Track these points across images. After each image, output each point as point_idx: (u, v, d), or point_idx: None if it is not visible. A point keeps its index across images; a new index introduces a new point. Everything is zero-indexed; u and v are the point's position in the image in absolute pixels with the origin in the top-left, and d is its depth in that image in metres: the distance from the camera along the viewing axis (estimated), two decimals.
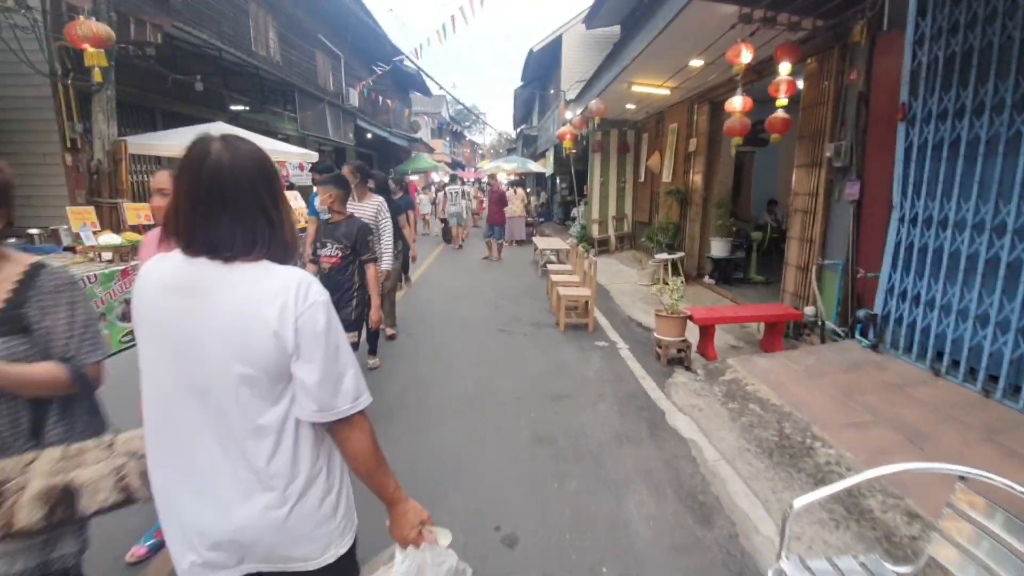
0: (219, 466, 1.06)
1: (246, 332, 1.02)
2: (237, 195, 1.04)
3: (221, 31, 10.96)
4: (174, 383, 1.06)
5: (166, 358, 1.06)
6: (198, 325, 1.03)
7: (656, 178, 9.74)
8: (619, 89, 7.74)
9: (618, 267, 9.77)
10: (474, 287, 8.12)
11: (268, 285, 1.04)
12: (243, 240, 1.05)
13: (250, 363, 1.02)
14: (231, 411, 1.04)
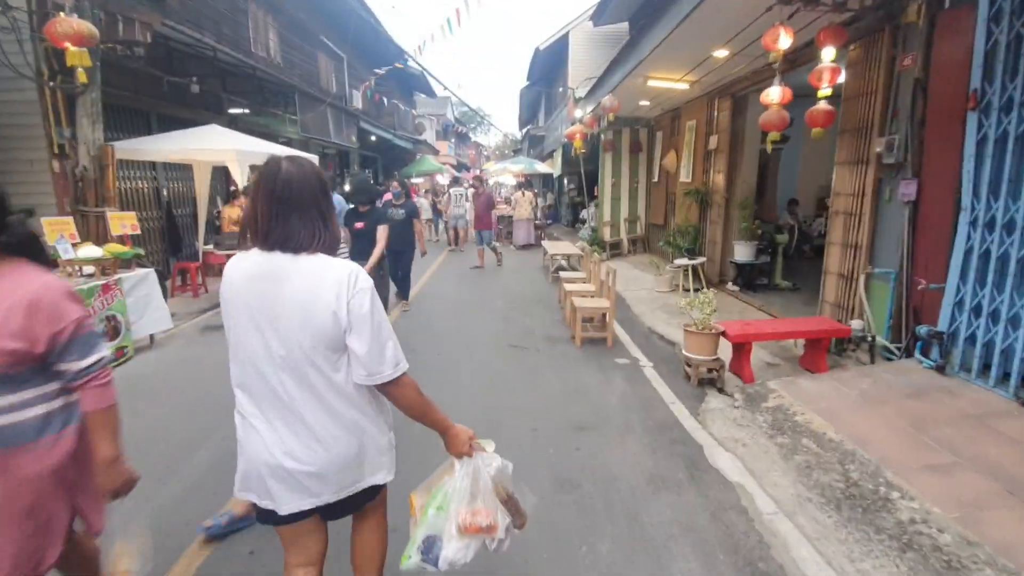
0: (304, 414, 1.37)
1: (311, 311, 1.32)
2: (301, 201, 1.36)
3: (220, 32, 10.60)
4: (263, 350, 1.36)
5: (253, 330, 1.36)
6: (276, 303, 1.34)
7: (672, 178, 9.26)
8: (634, 84, 7.27)
9: (633, 272, 9.29)
10: (482, 296, 7.67)
11: (327, 274, 1.35)
12: (306, 236, 1.36)
13: (315, 335, 1.33)
14: (310, 372, 1.36)
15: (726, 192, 7.22)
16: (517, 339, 5.53)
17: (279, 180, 1.35)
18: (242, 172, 6.53)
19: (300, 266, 1.35)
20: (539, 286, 8.43)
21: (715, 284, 7.52)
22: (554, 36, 19.34)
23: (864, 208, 4.41)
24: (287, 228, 1.34)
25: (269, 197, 1.35)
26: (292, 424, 1.38)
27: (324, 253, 1.39)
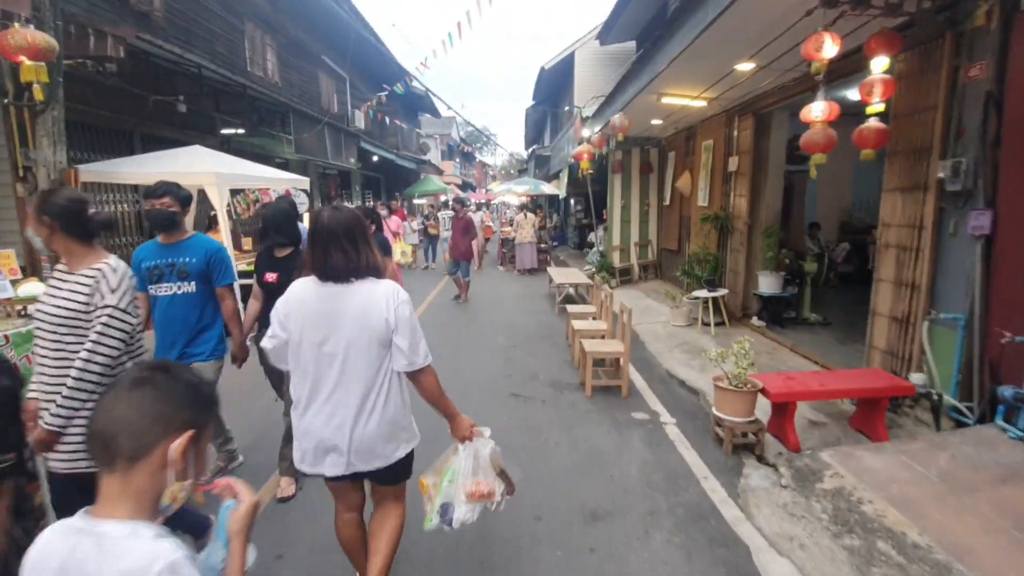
0: (346, 402, 1.81)
1: (369, 317, 1.79)
2: (340, 240, 1.79)
3: (213, 51, 10.24)
4: (322, 351, 1.80)
5: (315, 336, 1.80)
6: (337, 316, 1.79)
7: (686, 201, 8.67)
8: (647, 102, 6.73)
9: (645, 302, 8.65)
10: (481, 330, 7.05)
11: (377, 290, 1.82)
12: (350, 266, 1.80)
13: (372, 335, 1.79)
14: (360, 365, 1.80)
15: (748, 218, 6.62)
16: (519, 385, 4.89)
17: (321, 226, 1.79)
18: (221, 196, 6.01)
19: (355, 287, 1.80)
20: (544, 317, 7.80)
21: (737, 318, 6.86)
22: (560, 55, 19.06)
23: (922, 242, 3.78)
24: (331, 261, 1.78)
25: (315, 239, 1.79)
26: (340, 408, 1.81)
27: (372, 276, 1.83)
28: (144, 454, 0.93)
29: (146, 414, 0.94)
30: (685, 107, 6.84)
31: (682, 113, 7.28)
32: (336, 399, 1.81)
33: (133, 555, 0.88)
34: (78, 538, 0.90)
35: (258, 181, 6.82)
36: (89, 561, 0.88)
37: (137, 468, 0.93)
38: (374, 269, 1.85)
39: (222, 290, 2.88)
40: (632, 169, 10.34)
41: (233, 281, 2.94)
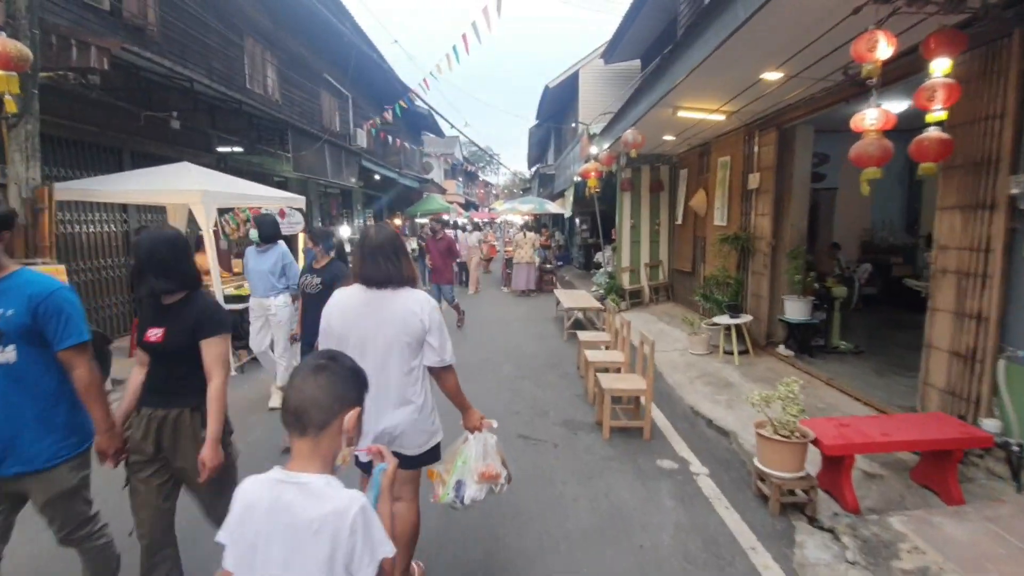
0: (385, 392, 2.03)
1: (407, 321, 2.06)
2: (382, 253, 2.07)
3: (210, 66, 9.99)
4: (364, 347, 2.01)
5: (361, 337, 2.04)
6: (379, 319, 2.05)
7: (701, 220, 8.25)
8: (660, 116, 6.35)
9: (658, 326, 8.16)
10: (486, 357, 6.56)
11: (412, 297, 2.10)
12: (392, 276, 2.07)
13: (410, 336, 2.06)
14: (395, 362, 2.06)
15: (772, 238, 6.17)
16: (528, 424, 4.39)
17: (369, 242, 2.11)
18: (208, 215, 5.60)
19: (396, 295, 2.09)
20: (553, 343, 7.31)
21: (762, 346, 6.36)
22: (564, 74, 18.93)
23: (990, 268, 3.31)
24: (377, 274, 2.07)
25: (362, 252, 2.10)
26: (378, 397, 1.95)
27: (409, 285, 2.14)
28: (328, 424, 1.18)
29: (329, 394, 1.19)
30: (702, 121, 6.45)
31: (698, 128, 6.90)
32: (378, 392, 1.89)
33: (334, 500, 1.11)
34: (282, 487, 1.13)
35: (250, 199, 6.42)
36: (296, 504, 1.11)
37: (323, 435, 1.17)
38: (411, 279, 2.14)
39: (67, 354, 1.88)
40: (642, 187, 9.95)
41: (83, 339, 1.91)
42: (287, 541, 1.09)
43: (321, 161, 11.87)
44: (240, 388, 5.40)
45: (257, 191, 6.75)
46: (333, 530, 1.08)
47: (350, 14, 13.90)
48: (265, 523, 1.11)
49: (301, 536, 1.08)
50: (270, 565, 1.10)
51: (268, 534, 1.10)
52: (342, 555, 1.08)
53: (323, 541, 1.08)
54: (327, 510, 1.09)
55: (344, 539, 1.08)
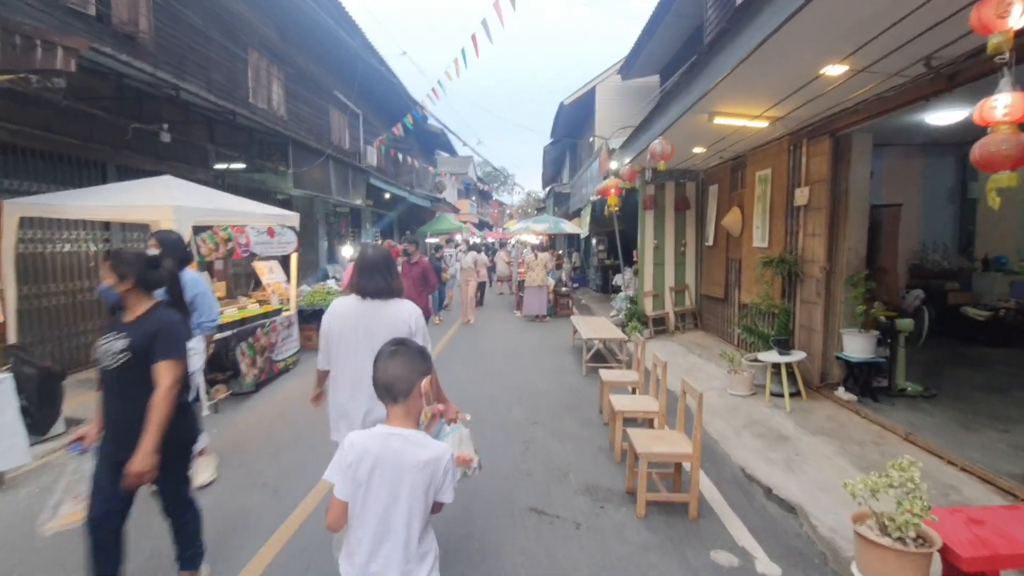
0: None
1: (396, 327, 2.34)
2: (377, 269, 2.44)
3: (209, 79, 9.54)
4: (357, 350, 2.36)
5: (355, 339, 2.40)
6: (373, 325, 2.38)
7: (735, 241, 7.42)
8: (693, 124, 5.61)
9: (688, 359, 7.29)
10: (493, 396, 5.75)
11: (402, 307, 2.45)
12: (382, 288, 2.43)
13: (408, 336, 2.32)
14: None
15: (827, 262, 5.32)
16: (542, 492, 3.56)
17: (367, 259, 2.50)
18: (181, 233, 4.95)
19: (387, 304, 2.45)
20: (571, 379, 6.48)
21: (815, 388, 5.47)
22: (580, 90, 18.40)
23: None
24: (371, 286, 2.43)
25: (359, 267, 2.49)
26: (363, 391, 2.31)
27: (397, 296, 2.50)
28: (410, 391, 1.58)
29: (407, 369, 1.59)
30: (741, 130, 5.69)
31: (736, 137, 6.13)
32: (365, 385, 2.00)
33: (432, 448, 1.57)
34: (388, 439, 1.54)
35: (234, 216, 5.77)
36: (401, 451, 1.53)
37: (409, 400, 1.58)
38: (398, 291, 2.52)
39: None
40: (666, 205, 9.18)
41: None
42: (395, 474, 1.52)
43: (325, 178, 11.32)
44: None
45: (243, 207, 6.11)
46: (432, 469, 1.54)
47: (361, 30, 13.52)
48: (377, 462, 1.52)
49: (406, 471, 1.52)
50: (380, 491, 1.52)
51: (380, 470, 1.52)
52: (434, 487, 1.55)
53: (425, 475, 1.53)
54: (430, 455, 1.55)
55: (439, 475, 1.55)
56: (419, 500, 1.52)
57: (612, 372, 5.15)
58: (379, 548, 1.52)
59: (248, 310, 6.11)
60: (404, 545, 1.52)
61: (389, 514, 1.51)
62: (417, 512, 1.52)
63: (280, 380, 6.43)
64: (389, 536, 1.51)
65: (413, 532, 1.52)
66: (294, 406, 5.46)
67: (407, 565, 1.52)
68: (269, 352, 6.21)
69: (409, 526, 1.52)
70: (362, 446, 1.52)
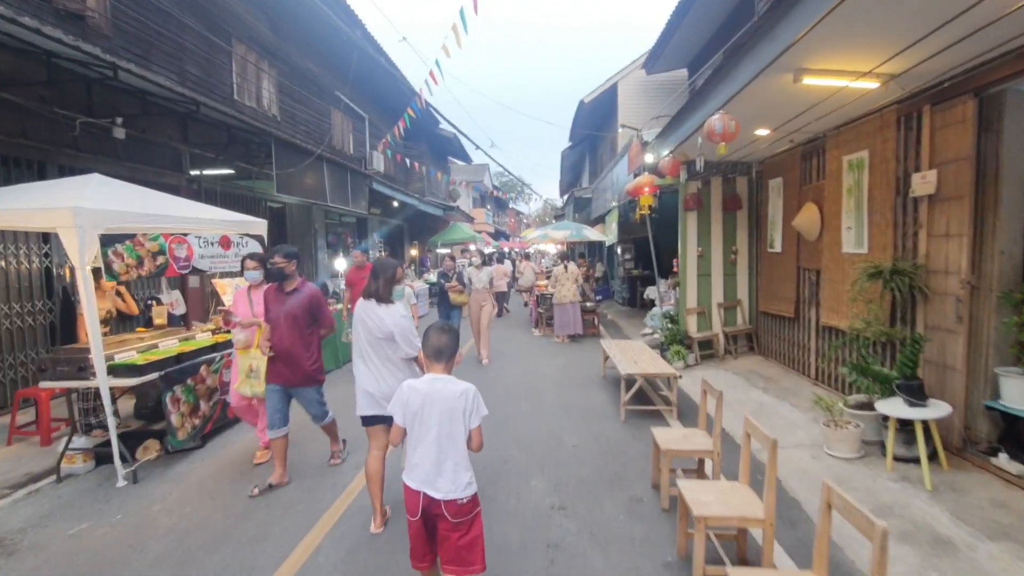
0: (380, 367, 3.17)
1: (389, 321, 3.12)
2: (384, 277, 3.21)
3: (182, 70, 8.40)
4: (366, 340, 3.18)
5: (364, 331, 3.17)
6: (377, 319, 3.13)
7: (811, 246, 5.91)
8: (766, 92, 4.18)
9: (751, 394, 5.76)
10: (505, 456, 4.31)
11: (394, 309, 3.18)
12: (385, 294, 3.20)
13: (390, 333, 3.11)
14: (386, 349, 3.15)
15: (970, 273, 3.80)
16: None
17: (378, 267, 3.25)
18: (82, 244, 3.68)
19: (389, 306, 3.18)
20: (607, 429, 5.00)
21: (956, 451, 3.91)
22: (601, 87, 17.04)
23: None
24: (376, 291, 3.19)
25: (373, 275, 3.24)
26: (374, 372, 3.18)
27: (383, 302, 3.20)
28: (452, 356, 2.28)
29: (452, 341, 2.29)
30: (836, 95, 4.22)
31: (822, 109, 4.65)
32: (376, 366, 3.18)
33: (460, 385, 2.19)
34: (433, 382, 2.19)
35: (171, 223, 4.49)
36: (444, 387, 2.17)
37: (450, 362, 2.28)
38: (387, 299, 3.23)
39: None
40: (712, 205, 7.70)
41: None
42: (441, 403, 2.16)
43: (319, 183, 10.10)
44: None
45: (188, 211, 4.82)
46: (465, 398, 2.18)
47: (361, 22, 12.38)
48: (428, 397, 2.17)
49: (449, 399, 2.16)
50: (430, 418, 2.16)
51: (429, 402, 2.17)
52: (468, 410, 2.18)
53: (461, 401, 2.17)
54: (462, 388, 2.19)
55: (470, 401, 2.18)
56: (459, 422, 2.17)
57: (671, 433, 3.67)
58: (438, 462, 2.15)
59: (193, 342, 4.81)
60: (456, 460, 2.16)
61: (440, 433, 2.16)
62: (458, 431, 2.17)
63: (243, 424, 5.13)
64: (443, 452, 2.15)
65: (459, 447, 2.17)
66: (243, 471, 4.11)
67: (455, 472, 2.15)
68: (223, 392, 4.89)
69: (455, 442, 2.16)
70: (413, 388, 2.22)
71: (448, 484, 2.11)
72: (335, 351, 7.74)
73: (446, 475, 2.12)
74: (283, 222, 11.57)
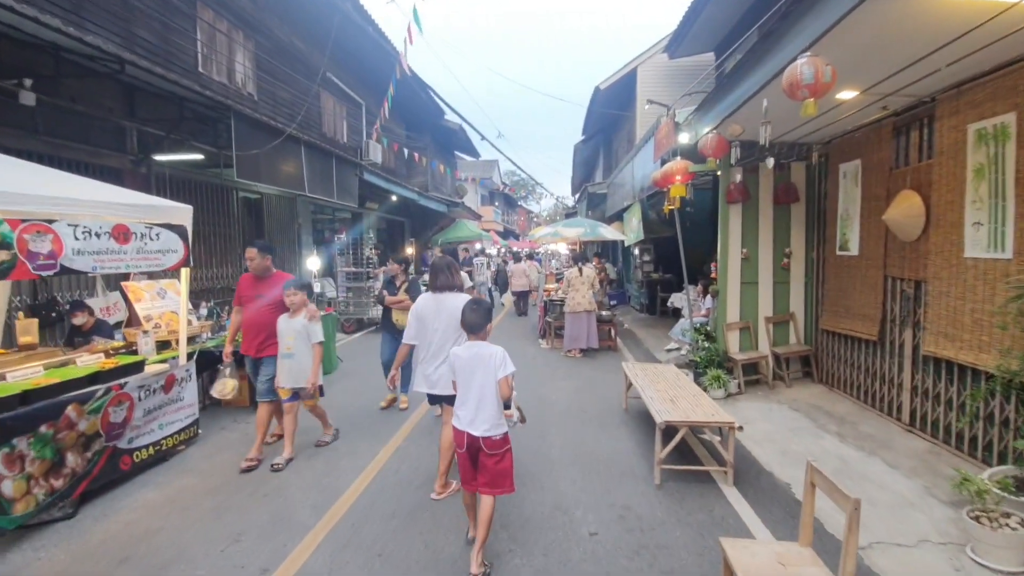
0: (443, 352, 3.54)
1: (455, 313, 3.33)
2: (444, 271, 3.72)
3: (131, 34, 7.13)
4: (433, 328, 3.63)
5: (431, 320, 3.64)
6: (443, 309, 3.62)
7: (909, 248, 4.46)
8: (871, 29, 2.78)
9: (821, 442, 4.33)
10: (498, 547, 2.95)
11: (459, 298, 3.52)
12: (448, 284, 3.71)
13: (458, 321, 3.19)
14: (450, 336, 3.58)
15: None
16: None
17: (436, 263, 3.74)
18: None
19: (452, 297, 3.62)
20: (637, 502, 3.61)
21: None
22: (619, 72, 15.60)
23: None
24: (440, 281, 3.67)
25: (433, 269, 3.72)
26: (437, 359, 3.59)
27: (456, 290, 3.71)
28: (485, 328, 2.91)
29: (484, 317, 2.92)
30: (993, 22, 2.80)
31: (953, 51, 3.21)
32: (441, 355, 3.54)
33: (495, 348, 2.81)
34: (471, 348, 2.87)
35: (30, 203, 3.18)
36: (482, 352, 2.82)
37: (482, 332, 2.90)
38: (459, 287, 3.74)
39: None
40: (760, 196, 6.27)
41: None
42: (479, 363, 2.79)
43: (295, 169, 8.79)
44: None
45: (65, 190, 3.49)
46: (495, 358, 2.77)
47: None
48: (469, 360, 2.82)
49: (485, 359, 2.78)
50: (473, 376, 2.79)
51: (472, 364, 2.81)
52: (497, 366, 2.76)
53: (492, 361, 2.77)
54: (493, 351, 2.79)
55: (498, 359, 2.77)
56: (492, 377, 2.76)
57: (757, 561, 2.27)
58: (477, 408, 2.79)
59: (65, 371, 3.50)
60: (491, 406, 2.78)
61: (481, 385, 2.78)
62: (491, 385, 2.77)
63: (149, 477, 3.83)
64: (480, 400, 2.78)
65: (495, 399, 2.78)
66: (129, 554, 2.79)
67: (496, 419, 2.78)
68: (109, 439, 3.59)
69: (493, 394, 2.78)
70: (457, 354, 2.89)
71: (485, 424, 2.77)
72: None
73: (482, 418, 2.77)
74: (260, 215, 10.29)
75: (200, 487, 3.79)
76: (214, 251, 8.80)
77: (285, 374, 4.17)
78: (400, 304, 5.59)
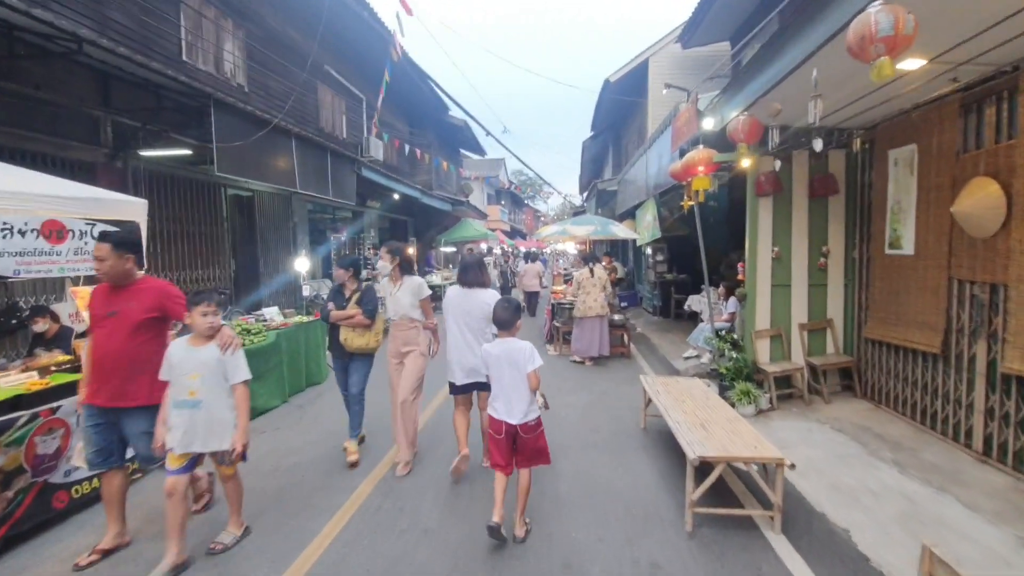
0: (472, 344, 3.87)
1: (484, 306, 3.80)
2: (472, 267, 4.02)
3: (103, 16, 6.58)
4: (462, 320, 3.92)
5: (459, 313, 3.93)
6: (470, 303, 3.92)
7: (983, 246, 3.79)
8: None
9: (883, 478, 3.67)
10: None
11: (487, 293, 3.94)
12: (478, 281, 3.99)
13: (484, 314, 3.81)
14: (479, 328, 3.90)
15: None
16: None
17: (466, 261, 4.08)
18: None
19: (479, 292, 3.92)
20: (663, 548, 2.99)
21: None
22: (629, 64, 14.92)
23: None
24: (469, 279, 3.95)
25: (463, 267, 4.03)
26: (465, 349, 3.88)
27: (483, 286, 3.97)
28: (514, 324, 3.20)
29: (513, 314, 3.21)
30: None
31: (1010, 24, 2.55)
32: (464, 345, 3.88)
33: (521, 343, 3.13)
34: (502, 344, 3.16)
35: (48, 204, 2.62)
36: (512, 347, 3.11)
37: (513, 328, 3.19)
38: (486, 284, 3.98)
39: None
40: (794, 188, 5.61)
41: None
42: (510, 357, 3.07)
43: (285, 163, 8.23)
44: None
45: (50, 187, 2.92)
46: (523, 352, 3.06)
47: None
48: (500, 355, 3.10)
49: (515, 353, 3.06)
50: (504, 369, 3.08)
51: (504, 358, 3.08)
52: (526, 360, 3.05)
53: (521, 355, 3.05)
54: (523, 345, 3.09)
55: (527, 354, 3.06)
56: (521, 370, 3.02)
57: None
58: (510, 398, 3.06)
59: None
60: (522, 396, 3.04)
61: (512, 379, 3.06)
62: (521, 377, 3.03)
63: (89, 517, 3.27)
64: (513, 391, 3.06)
65: (526, 390, 3.05)
66: None
67: (529, 406, 3.05)
68: (37, 473, 3.03)
69: (524, 385, 3.04)
70: (488, 350, 3.18)
71: (519, 414, 3.04)
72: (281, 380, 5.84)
73: (517, 407, 3.05)
74: (252, 214, 9.74)
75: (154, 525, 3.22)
76: (199, 252, 8.26)
77: (183, 432, 2.76)
78: (350, 320, 4.18)
